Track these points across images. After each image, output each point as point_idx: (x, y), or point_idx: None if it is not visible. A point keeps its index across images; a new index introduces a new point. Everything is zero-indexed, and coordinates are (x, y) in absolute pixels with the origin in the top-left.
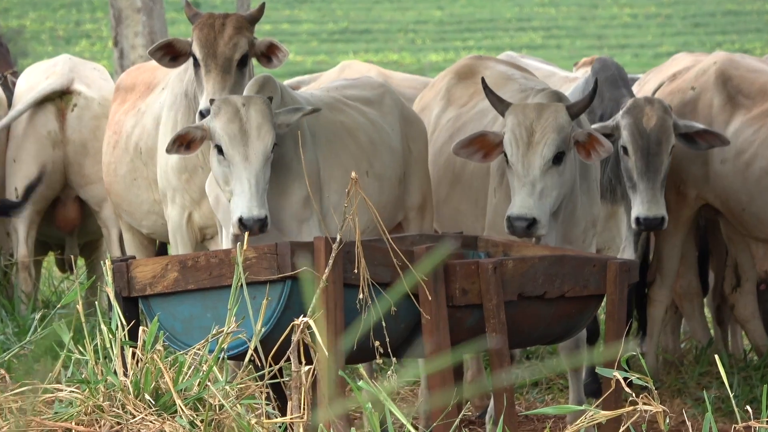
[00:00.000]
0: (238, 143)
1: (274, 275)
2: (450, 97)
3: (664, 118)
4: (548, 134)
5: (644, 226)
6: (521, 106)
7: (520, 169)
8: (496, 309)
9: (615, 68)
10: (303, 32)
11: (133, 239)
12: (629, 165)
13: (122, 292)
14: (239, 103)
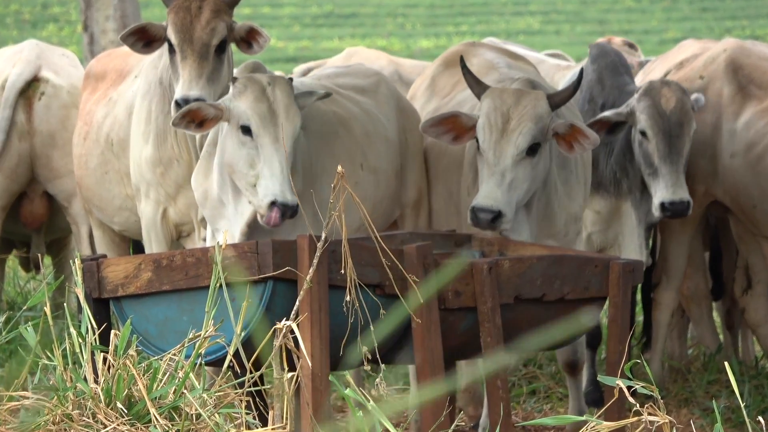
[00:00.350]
0: (269, 123)
1: (254, 275)
2: (434, 87)
3: (683, 100)
4: (524, 122)
5: (670, 212)
6: (499, 90)
7: (490, 156)
8: (492, 312)
9: (614, 54)
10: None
11: (104, 237)
12: (649, 149)
13: (92, 293)
14: (264, 81)
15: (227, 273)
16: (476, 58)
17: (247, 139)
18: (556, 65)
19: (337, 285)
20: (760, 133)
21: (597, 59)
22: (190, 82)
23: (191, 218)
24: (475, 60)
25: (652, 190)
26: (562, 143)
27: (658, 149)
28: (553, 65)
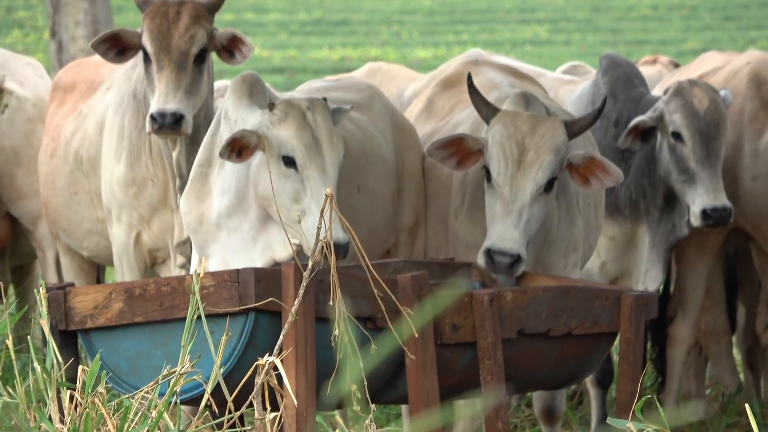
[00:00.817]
0: (314, 154)
1: (235, 307)
2: (432, 108)
3: (716, 99)
4: (543, 155)
5: (713, 219)
6: (511, 116)
7: (506, 192)
8: (492, 348)
9: (626, 65)
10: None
11: (71, 263)
12: (684, 153)
13: (59, 325)
14: (304, 106)
15: (205, 304)
16: (477, 77)
17: (291, 171)
18: (557, 79)
19: (325, 317)
20: None
21: (608, 71)
22: (166, 94)
23: (166, 243)
24: (476, 80)
25: (689, 198)
26: (576, 176)
27: (695, 152)
28: (555, 79)
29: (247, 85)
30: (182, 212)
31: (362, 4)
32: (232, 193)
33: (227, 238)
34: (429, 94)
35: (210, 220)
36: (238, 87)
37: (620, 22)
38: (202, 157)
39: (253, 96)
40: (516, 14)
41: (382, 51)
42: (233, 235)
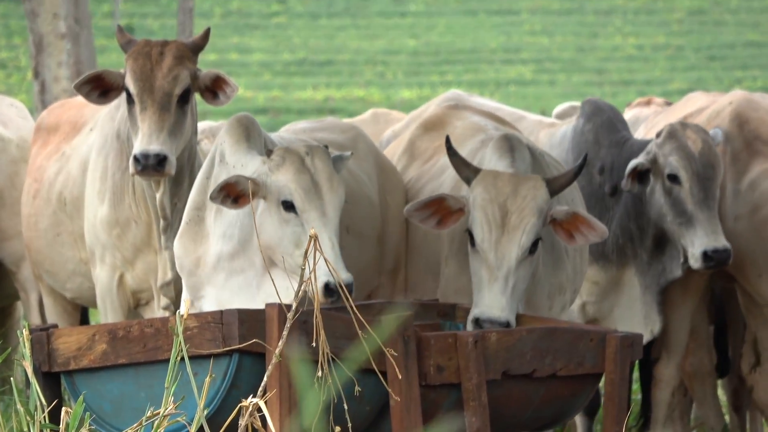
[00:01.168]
0: (314, 197)
1: (218, 348)
2: (414, 150)
3: (708, 141)
4: (527, 218)
5: (714, 261)
6: (492, 176)
7: (492, 258)
8: (477, 389)
9: (609, 110)
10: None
11: (55, 305)
12: (681, 195)
13: (42, 367)
14: (302, 151)
15: (189, 345)
16: (460, 121)
17: (291, 216)
18: (538, 121)
19: (309, 359)
20: (766, 193)
21: (591, 117)
22: (150, 135)
23: (150, 285)
24: (460, 123)
25: (687, 240)
26: (560, 231)
27: (693, 194)
28: (536, 122)
29: (244, 128)
30: (177, 255)
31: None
32: (235, 240)
33: (226, 281)
34: (410, 136)
35: (207, 262)
36: (235, 130)
37: (605, 62)
38: (198, 200)
39: (250, 140)
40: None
41: (366, 91)
42: (235, 278)
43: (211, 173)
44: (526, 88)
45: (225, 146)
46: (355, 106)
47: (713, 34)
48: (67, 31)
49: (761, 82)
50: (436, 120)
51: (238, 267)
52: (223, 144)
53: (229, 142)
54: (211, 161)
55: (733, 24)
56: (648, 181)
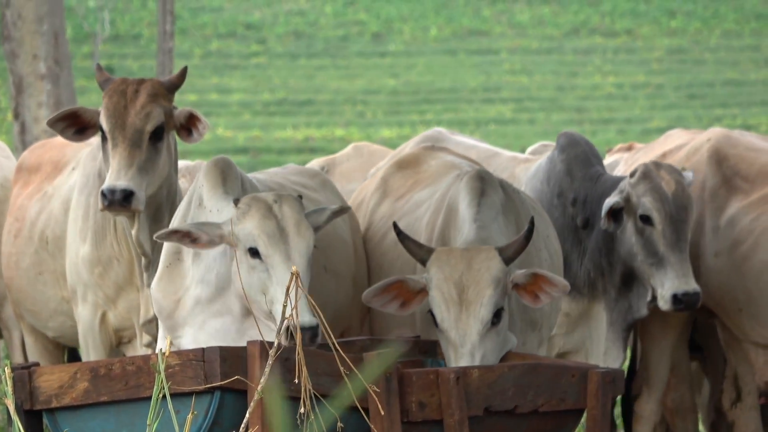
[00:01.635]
0: (278, 241)
1: (200, 385)
2: (386, 188)
3: (682, 182)
4: (483, 291)
5: (683, 304)
6: (445, 254)
7: (454, 337)
8: (459, 426)
9: (584, 144)
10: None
11: (36, 343)
12: (653, 237)
13: (24, 405)
14: (270, 199)
15: (171, 383)
16: (435, 160)
17: (257, 262)
18: (512, 158)
19: (291, 396)
20: (745, 230)
21: (565, 149)
22: (118, 171)
23: (132, 323)
24: (434, 162)
25: (656, 281)
26: (524, 294)
27: (665, 236)
28: (510, 158)
29: (220, 171)
30: (155, 298)
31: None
32: (212, 285)
33: (205, 322)
34: (383, 174)
35: (186, 305)
36: (212, 174)
37: (585, 101)
38: (176, 244)
39: (227, 183)
40: (480, 93)
41: (346, 131)
42: (213, 321)
43: (188, 216)
44: (505, 127)
45: (203, 190)
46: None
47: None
48: (47, 72)
49: (740, 120)
50: (411, 159)
51: (216, 311)
52: (202, 188)
53: (207, 186)
54: (189, 204)
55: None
56: (621, 220)
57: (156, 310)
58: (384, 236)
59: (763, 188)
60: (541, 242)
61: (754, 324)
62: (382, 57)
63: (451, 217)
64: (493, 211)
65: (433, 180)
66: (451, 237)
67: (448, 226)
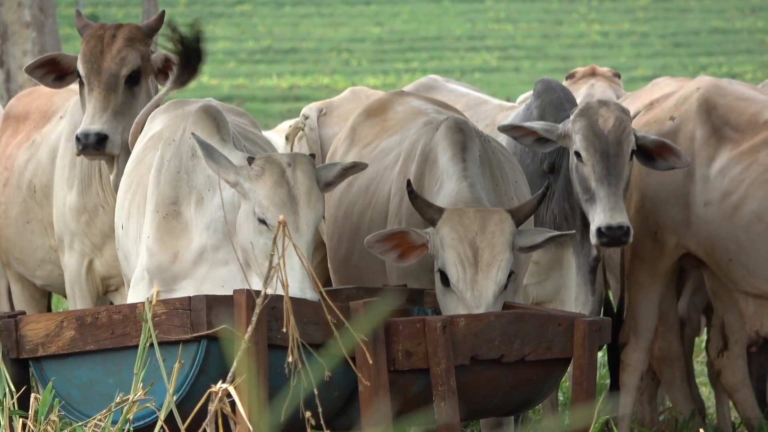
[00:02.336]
0: (288, 212)
1: (187, 334)
2: (354, 136)
3: (623, 118)
4: (500, 255)
5: (607, 238)
6: (458, 214)
7: (469, 297)
8: (446, 374)
9: (560, 90)
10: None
11: (23, 292)
12: (585, 172)
13: (10, 353)
14: (284, 163)
15: (157, 331)
16: (401, 106)
17: (264, 228)
18: (498, 105)
19: (278, 345)
20: (736, 180)
21: (541, 95)
22: (93, 115)
23: (119, 271)
24: (400, 108)
25: (590, 217)
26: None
27: (595, 171)
28: (496, 106)
29: (212, 119)
30: (151, 250)
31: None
32: (219, 233)
33: (209, 273)
34: (352, 123)
35: (185, 257)
36: (204, 122)
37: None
38: (171, 194)
39: (221, 131)
40: (465, 42)
41: (331, 79)
42: (218, 270)
43: (181, 167)
44: (491, 75)
45: (195, 140)
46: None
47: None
48: (31, 20)
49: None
50: (378, 105)
51: (222, 259)
52: (193, 137)
53: (201, 135)
54: (180, 154)
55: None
56: (547, 146)
57: (151, 264)
58: (350, 185)
59: (753, 138)
60: (510, 188)
61: (744, 274)
62: (367, 5)
63: (427, 167)
64: (476, 165)
65: (400, 127)
66: (426, 187)
67: (424, 175)
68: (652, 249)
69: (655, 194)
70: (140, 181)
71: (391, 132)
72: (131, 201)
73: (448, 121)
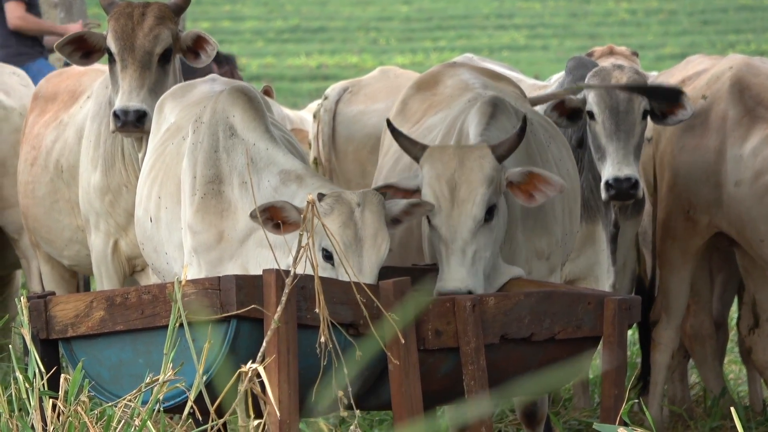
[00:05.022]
0: (353, 254)
1: (216, 314)
2: (406, 112)
3: (636, 78)
4: (475, 189)
5: (615, 190)
6: (438, 152)
7: (445, 233)
8: (476, 353)
9: (591, 67)
10: (247, 30)
11: (52, 272)
12: (596, 130)
13: (40, 334)
14: (354, 202)
15: (187, 311)
16: (451, 79)
17: (328, 265)
18: (532, 85)
19: (307, 324)
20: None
21: (572, 72)
22: (130, 92)
23: None
24: (450, 81)
25: (601, 174)
26: (518, 193)
27: (605, 127)
28: (531, 85)
29: (250, 99)
30: (194, 229)
31: (339, 11)
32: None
33: (256, 253)
34: (403, 96)
35: (232, 237)
36: (243, 103)
37: (598, 27)
38: (209, 173)
39: (264, 116)
40: (493, 20)
41: (359, 58)
42: (267, 251)
43: (218, 146)
44: (519, 53)
45: (235, 120)
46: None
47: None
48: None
49: (754, 45)
50: (429, 78)
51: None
52: (233, 117)
53: (241, 117)
54: (214, 133)
55: None
56: (577, 120)
57: (194, 243)
58: (395, 163)
59: None
60: (552, 166)
61: None
62: None
63: (460, 140)
64: (501, 133)
65: (447, 104)
66: None
67: None
68: (684, 228)
69: (687, 173)
70: (167, 170)
71: (438, 108)
72: (161, 192)
73: (484, 97)
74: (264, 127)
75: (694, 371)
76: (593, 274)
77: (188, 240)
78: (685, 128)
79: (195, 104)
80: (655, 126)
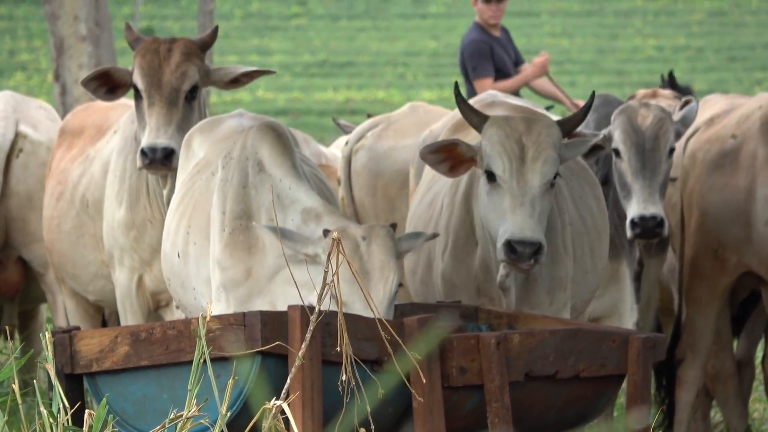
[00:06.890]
0: (357, 288)
1: (241, 350)
2: None
3: (662, 117)
4: (545, 151)
5: (640, 229)
6: (504, 118)
7: (515, 186)
8: (500, 391)
9: (617, 104)
10: (274, 65)
11: (77, 307)
12: (622, 168)
13: (65, 369)
14: (359, 236)
15: (212, 347)
16: (493, 110)
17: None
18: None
19: (332, 361)
20: None
21: (598, 109)
22: (157, 129)
23: None
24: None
25: (627, 212)
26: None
27: (631, 165)
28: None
29: (278, 136)
30: (223, 265)
31: (367, 46)
32: None
33: (284, 290)
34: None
35: (260, 274)
36: (273, 139)
37: (625, 64)
38: (238, 209)
39: (293, 153)
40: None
41: (387, 93)
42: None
43: (247, 182)
44: None
45: (262, 155)
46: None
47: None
48: (87, 33)
49: None
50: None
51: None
52: (260, 152)
53: (269, 152)
54: (244, 168)
55: (753, 25)
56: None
57: (224, 277)
58: (421, 201)
59: None
60: (566, 198)
61: None
62: (423, 18)
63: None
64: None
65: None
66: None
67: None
68: (712, 266)
69: (717, 212)
70: (195, 205)
71: None
72: (189, 227)
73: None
74: (291, 163)
75: (718, 409)
76: (617, 311)
77: (216, 276)
78: (714, 167)
79: (224, 139)
80: (683, 164)
